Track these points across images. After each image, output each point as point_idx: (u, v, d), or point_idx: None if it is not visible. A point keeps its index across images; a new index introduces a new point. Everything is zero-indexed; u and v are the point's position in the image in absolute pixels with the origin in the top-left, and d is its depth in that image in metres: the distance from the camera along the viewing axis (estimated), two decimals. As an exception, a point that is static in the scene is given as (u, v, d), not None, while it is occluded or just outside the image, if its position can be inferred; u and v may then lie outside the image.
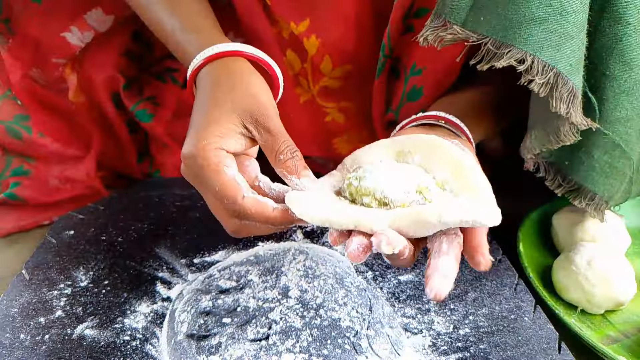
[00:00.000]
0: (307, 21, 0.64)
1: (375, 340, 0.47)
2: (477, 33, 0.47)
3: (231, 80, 0.47)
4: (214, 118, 0.44)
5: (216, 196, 0.42)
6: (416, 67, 0.62)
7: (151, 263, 0.58)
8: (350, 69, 0.68)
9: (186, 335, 0.47)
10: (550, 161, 0.57)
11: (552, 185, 0.58)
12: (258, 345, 0.46)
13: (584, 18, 0.45)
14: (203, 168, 0.42)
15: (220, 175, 0.42)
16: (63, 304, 0.51)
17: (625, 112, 0.50)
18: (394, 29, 0.59)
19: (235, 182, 0.42)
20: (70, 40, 0.69)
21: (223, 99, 0.45)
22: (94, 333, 0.48)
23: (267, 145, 0.44)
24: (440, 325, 0.50)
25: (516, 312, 0.52)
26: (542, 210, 0.70)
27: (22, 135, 0.71)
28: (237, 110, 0.45)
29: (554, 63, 0.45)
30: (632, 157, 0.53)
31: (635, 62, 0.49)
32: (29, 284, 0.54)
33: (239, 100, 0.45)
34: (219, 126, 0.43)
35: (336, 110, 0.73)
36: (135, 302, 0.52)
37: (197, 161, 0.42)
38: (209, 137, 0.42)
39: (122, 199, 0.70)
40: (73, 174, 0.73)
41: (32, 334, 0.48)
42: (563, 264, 0.57)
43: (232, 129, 0.44)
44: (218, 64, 0.49)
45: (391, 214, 0.39)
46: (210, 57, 0.49)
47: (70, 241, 0.61)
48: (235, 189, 0.42)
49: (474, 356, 0.46)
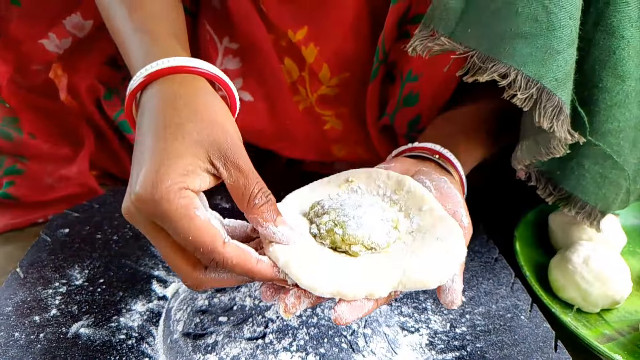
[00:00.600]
0: (305, 29, 0.64)
1: (372, 339, 0.47)
2: (463, 45, 0.47)
3: (193, 105, 0.39)
4: (176, 152, 0.36)
5: (185, 244, 0.36)
6: (412, 73, 0.62)
7: (147, 262, 0.57)
8: (347, 76, 0.68)
9: (182, 333, 0.47)
10: (542, 170, 0.58)
11: (543, 194, 0.59)
12: (254, 344, 0.46)
13: (573, 33, 0.45)
14: (169, 214, 0.35)
15: (193, 221, 0.35)
16: (58, 302, 0.51)
17: (617, 124, 0.51)
18: (389, 34, 0.59)
19: (211, 226, 0.36)
20: (48, 47, 0.68)
21: (185, 127, 0.38)
22: (89, 332, 0.48)
23: (236, 186, 0.38)
24: (437, 323, 0.50)
25: (513, 310, 0.52)
26: (538, 209, 0.70)
27: (13, 136, 0.70)
28: (204, 143, 0.37)
29: (538, 78, 0.45)
30: (626, 169, 0.53)
31: (627, 74, 0.49)
32: (24, 283, 0.53)
33: (204, 130, 0.38)
34: (182, 161, 0.36)
35: (334, 117, 0.73)
36: (131, 300, 0.52)
37: (160, 206, 0.35)
38: (172, 175, 0.35)
39: (118, 197, 0.70)
40: (66, 173, 0.73)
41: (27, 332, 0.47)
42: (559, 263, 0.57)
43: (198, 165, 0.37)
44: (171, 81, 0.41)
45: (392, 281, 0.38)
46: (160, 72, 0.41)
47: (65, 239, 0.60)
48: (214, 235, 0.36)
49: (470, 354, 0.46)
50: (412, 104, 0.64)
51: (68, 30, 0.69)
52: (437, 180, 0.47)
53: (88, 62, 0.74)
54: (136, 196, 0.35)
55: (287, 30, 0.64)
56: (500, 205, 0.45)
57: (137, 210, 0.36)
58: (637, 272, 0.62)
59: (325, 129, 0.74)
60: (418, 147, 0.54)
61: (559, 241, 0.64)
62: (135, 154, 0.39)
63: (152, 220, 0.36)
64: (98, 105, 0.76)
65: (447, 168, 0.52)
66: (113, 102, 0.76)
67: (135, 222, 0.37)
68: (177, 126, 0.38)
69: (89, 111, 0.76)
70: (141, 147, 0.38)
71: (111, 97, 0.76)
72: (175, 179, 0.35)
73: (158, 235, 0.37)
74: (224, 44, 0.73)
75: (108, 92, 0.75)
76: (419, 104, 0.63)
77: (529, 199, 0.70)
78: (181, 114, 0.38)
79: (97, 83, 0.74)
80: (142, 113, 0.41)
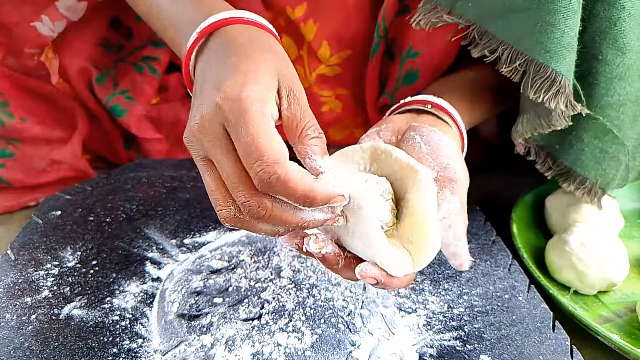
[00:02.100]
0: (304, 5, 0.63)
1: (370, 320, 0.46)
2: (464, 19, 0.48)
3: (259, 41, 0.40)
4: (251, 74, 0.36)
5: (251, 152, 0.33)
6: (412, 49, 0.61)
7: (140, 243, 0.57)
8: (349, 54, 0.67)
9: (177, 315, 0.46)
10: (541, 145, 0.57)
11: (542, 168, 0.58)
12: (250, 324, 0.45)
13: (572, 3, 0.44)
14: (251, 112, 0.34)
15: (269, 128, 0.34)
16: (50, 284, 0.50)
17: (618, 97, 0.50)
18: (389, 8, 0.58)
19: (282, 142, 0.35)
20: (41, 31, 0.67)
21: (254, 54, 0.37)
22: (82, 313, 0.47)
23: (292, 118, 0.37)
24: (434, 304, 0.49)
25: (510, 291, 0.51)
26: (535, 192, 0.70)
27: (4, 121, 0.69)
28: (274, 70, 0.37)
29: (527, 51, 0.45)
30: (626, 143, 0.53)
31: (628, 46, 0.48)
32: (14, 264, 0.52)
33: (277, 61, 0.38)
34: (257, 80, 0.36)
35: (333, 99, 0.72)
36: (124, 282, 0.51)
37: (244, 103, 0.34)
38: (258, 88, 0.35)
39: (110, 179, 0.69)
40: (58, 156, 0.72)
41: (18, 314, 0.46)
42: (557, 245, 0.57)
43: (271, 88, 0.36)
44: (232, 29, 0.41)
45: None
46: (219, 23, 0.41)
47: (57, 222, 0.59)
48: (282, 147, 0.34)
49: (468, 335, 0.46)
50: (412, 81, 0.63)
51: (61, 13, 0.67)
52: (427, 134, 0.45)
53: (80, 44, 0.73)
54: (224, 94, 0.34)
55: (286, 7, 0.63)
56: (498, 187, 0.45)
57: (215, 115, 0.35)
58: (634, 255, 0.62)
59: (322, 111, 0.73)
60: (412, 101, 0.51)
61: (556, 224, 0.64)
62: (204, 87, 0.37)
63: (224, 127, 0.35)
64: (90, 88, 0.74)
65: (443, 117, 0.49)
66: (105, 85, 0.74)
67: (204, 135, 0.36)
68: (246, 54, 0.37)
69: (81, 94, 0.74)
70: (215, 74, 0.37)
71: (103, 80, 0.74)
72: (261, 91, 0.35)
73: (228, 146, 0.35)
74: None
75: (100, 75, 0.74)
76: (419, 81, 0.62)
77: (526, 182, 0.70)
78: (247, 46, 0.38)
79: (89, 66, 0.73)
80: (208, 56, 0.40)
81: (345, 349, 0.43)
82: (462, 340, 0.45)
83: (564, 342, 0.45)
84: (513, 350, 0.44)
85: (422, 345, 0.45)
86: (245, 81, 0.35)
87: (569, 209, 0.62)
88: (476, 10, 0.47)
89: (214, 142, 0.35)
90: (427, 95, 0.51)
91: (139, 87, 0.74)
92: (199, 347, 0.43)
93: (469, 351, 0.44)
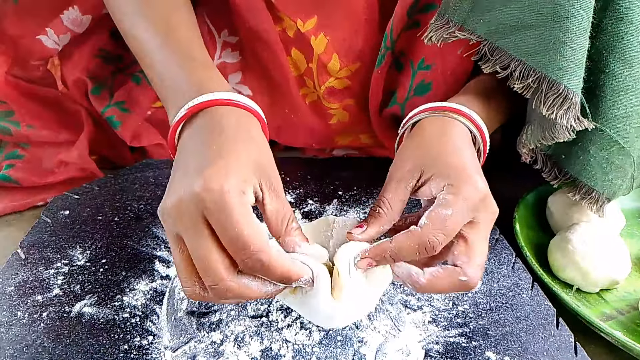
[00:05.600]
0: (314, 19, 0.63)
1: (376, 317, 0.47)
2: (475, 35, 0.48)
3: (245, 127, 0.42)
4: (232, 164, 0.37)
5: (233, 242, 0.35)
6: (425, 62, 0.61)
7: (149, 242, 0.57)
8: (358, 67, 0.67)
9: (186, 312, 0.47)
10: (548, 154, 0.58)
11: (548, 177, 0.59)
12: (258, 321, 0.46)
13: (584, 21, 0.45)
14: (232, 206, 0.35)
15: (250, 219, 0.36)
16: (60, 282, 0.51)
17: (625, 110, 0.51)
18: (398, 21, 0.59)
19: (262, 228, 0.37)
20: (46, 44, 0.68)
21: (236, 148, 0.39)
22: (92, 310, 0.48)
23: (275, 212, 0.39)
24: (439, 302, 0.50)
25: (514, 289, 0.52)
26: (538, 191, 0.71)
27: (11, 130, 0.71)
28: (254, 162, 0.39)
29: (540, 68, 0.46)
30: (632, 154, 0.53)
31: (635, 60, 0.49)
32: (25, 263, 0.53)
33: (254, 154, 0.40)
34: (238, 173, 0.37)
35: (340, 110, 0.72)
36: (134, 280, 0.52)
37: (225, 196, 0.35)
38: (236, 180, 0.36)
39: (118, 179, 0.69)
40: (66, 157, 0.73)
41: (30, 311, 0.47)
42: (559, 244, 0.58)
43: (250, 181, 0.38)
44: (219, 111, 0.42)
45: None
46: (205, 104, 0.42)
47: (65, 221, 0.60)
48: (263, 235, 0.36)
49: (473, 331, 0.47)
50: (424, 92, 0.63)
51: (66, 26, 0.68)
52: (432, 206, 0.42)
53: (79, 55, 0.74)
54: (204, 183, 0.35)
55: (296, 19, 0.63)
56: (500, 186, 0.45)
57: (194, 202, 0.35)
58: (635, 253, 0.63)
59: (331, 123, 0.73)
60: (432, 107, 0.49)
61: (558, 223, 0.64)
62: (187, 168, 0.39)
63: (203, 214, 0.35)
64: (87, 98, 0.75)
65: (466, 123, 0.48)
66: (101, 97, 0.75)
67: (179, 217, 0.36)
68: (228, 147, 0.39)
69: (81, 102, 0.75)
70: (197, 157, 0.39)
71: (99, 92, 0.75)
72: (239, 183, 0.36)
73: (203, 232, 0.36)
74: (222, 37, 0.72)
75: (95, 87, 0.74)
76: (431, 93, 0.63)
77: (529, 181, 0.71)
78: (238, 134, 0.40)
79: (85, 77, 0.74)
80: (193, 134, 0.42)
81: (352, 345, 0.44)
82: (468, 336, 0.46)
83: (568, 338, 0.46)
84: (518, 347, 0.45)
85: (428, 341, 0.46)
86: (227, 173, 0.36)
87: (571, 208, 0.63)
88: (487, 26, 0.48)
89: (188, 225, 0.36)
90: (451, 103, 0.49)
91: (134, 99, 0.75)
92: (209, 343, 0.44)
93: (475, 347, 0.45)
